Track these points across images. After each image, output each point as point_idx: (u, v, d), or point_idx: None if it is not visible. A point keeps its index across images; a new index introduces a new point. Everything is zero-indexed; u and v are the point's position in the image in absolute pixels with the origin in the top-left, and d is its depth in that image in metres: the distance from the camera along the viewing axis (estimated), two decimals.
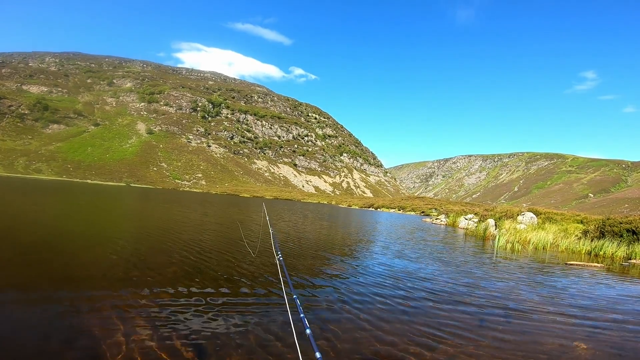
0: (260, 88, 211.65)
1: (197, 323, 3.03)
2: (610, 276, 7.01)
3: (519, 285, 5.62)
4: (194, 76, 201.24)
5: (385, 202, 66.34)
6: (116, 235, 7.63)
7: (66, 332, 2.74)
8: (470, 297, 4.71)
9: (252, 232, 10.22)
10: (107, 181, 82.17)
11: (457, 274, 6.15)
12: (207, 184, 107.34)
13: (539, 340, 3.25)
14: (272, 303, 3.69)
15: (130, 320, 2.97)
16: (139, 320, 2.96)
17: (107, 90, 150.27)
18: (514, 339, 3.26)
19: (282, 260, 1.75)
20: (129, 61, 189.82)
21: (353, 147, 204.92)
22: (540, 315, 4.03)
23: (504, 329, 3.52)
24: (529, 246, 11.28)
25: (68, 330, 2.77)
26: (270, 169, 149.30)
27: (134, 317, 3.04)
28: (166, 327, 2.88)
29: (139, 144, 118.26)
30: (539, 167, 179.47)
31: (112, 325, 2.86)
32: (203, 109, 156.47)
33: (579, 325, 3.73)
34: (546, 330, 3.53)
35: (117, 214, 13.06)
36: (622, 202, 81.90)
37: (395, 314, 3.71)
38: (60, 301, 3.25)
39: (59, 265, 4.55)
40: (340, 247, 8.66)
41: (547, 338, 3.33)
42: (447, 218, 26.03)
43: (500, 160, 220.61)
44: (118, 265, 4.74)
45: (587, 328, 3.63)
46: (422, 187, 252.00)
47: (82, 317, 2.98)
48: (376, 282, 5.12)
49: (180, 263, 5.10)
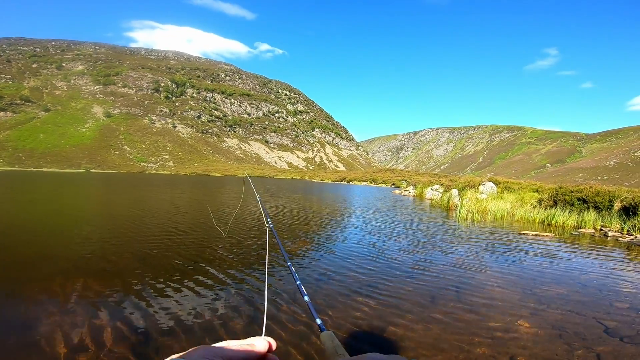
0: (227, 66, 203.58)
1: (171, 304, 3.20)
2: (560, 246, 7.24)
3: (473, 258, 5.64)
4: (154, 56, 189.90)
5: (357, 176, 67.00)
6: (74, 226, 6.96)
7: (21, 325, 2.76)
8: (424, 272, 4.66)
9: (223, 213, 9.79)
10: (64, 168, 77.30)
11: (414, 247, 6.11)
12: (175, 165, 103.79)
13: (485, 318, 3.18)
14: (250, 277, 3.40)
15: (87, 311, 2.85)
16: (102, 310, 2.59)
17: (57, 74, 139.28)
18: (462, 317, 3.19)
19: (273, 227, 1.60)
20: (78, 43, 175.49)
21: (325, 122, 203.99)
22: (490, 291, 4.00)
23: (454, 307, 3.45)
24: (488, 215, 11.60)
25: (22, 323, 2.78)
26: (241, 147, 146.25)
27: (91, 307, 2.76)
28: (121, 314, 2.57)
29: (96, 127, 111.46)
30: (501, 139, 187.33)
31: (70, 317, 2.86)
32: (166, 89, 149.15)
33: (524, 301, 3.70)
34: (493, 307, 3.47)
35: (68, 203, 12.08)
36: (577, 172, 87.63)
37: (361, 286, 3.54)
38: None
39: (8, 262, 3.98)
40: (314, 223, 8.44)
41: (493, 315, 3.27)
42: (415, 189, 26.55)
43: (466, 132, 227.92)
44: (77, 257, 4.23)
45: (531, 304, 3.60)
46: (394, 160, 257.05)
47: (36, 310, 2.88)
48: (345, 255, 5.59)
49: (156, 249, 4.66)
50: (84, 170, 75.72)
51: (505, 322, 3.12)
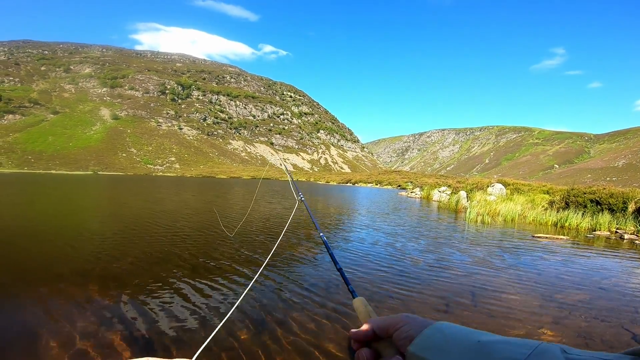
0: (232, 68, 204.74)
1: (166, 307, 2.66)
2: (576, 249, 7.08)
3: (487, 262, 5.50)
4: (160, 58, 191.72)
5: (362, 177, 66.82)
6: (80, 226, 6.96)
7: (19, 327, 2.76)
8: (438, 278, 4.53)
9: (230, 215, 9.74)
10: (72, 170, 78.17)
11: (426, 252, 5.98)
12: (182, 167, 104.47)
13: (505, 327, 3.06)
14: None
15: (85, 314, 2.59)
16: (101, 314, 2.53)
17: (64, 77, 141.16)
18: (480, 326, 3.06)
19: (305, 201, 1.64)
20: (85, 46, 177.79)
21: (330, 124, 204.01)
22: (508, 297, 3.88)
23: (469, 315, 3.33)
24: (499, 218, 11.41)
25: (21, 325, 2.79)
26: (246, 149, 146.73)
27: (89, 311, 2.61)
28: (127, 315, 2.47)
29: (104, 130, 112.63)
30: (507, 140, 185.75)
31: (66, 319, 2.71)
32: (172, 91, 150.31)
33: (545, 307, 3.58)
34: (513, 315, 3.35)
35: (78, 205, 12.14)
36: (585, 173, 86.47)
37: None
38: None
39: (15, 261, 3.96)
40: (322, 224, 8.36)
41: (513, 323, 3.15)
42: (421, 191, 26.33)
43: (472, 133, 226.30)
44: (83, 259, 4.19)
45: (553, 311, 3.48)
46: (399, 161, 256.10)
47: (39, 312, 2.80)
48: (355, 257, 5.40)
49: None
50: (91, 173, 76.52)
51: (527, 331, 3.00)
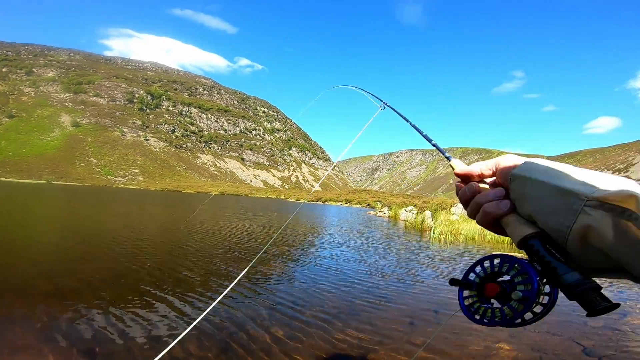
0: (206, 80, 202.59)
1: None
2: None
3: (449, 280, 5.64)
4: (131, 66, 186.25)
5: (332, 196, 67.29)
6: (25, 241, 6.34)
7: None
8: (403, 295, 4.57)
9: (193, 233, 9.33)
10: (23, 178, 72.69)
11: (393, 269, 6.05)
12: (145, 180, 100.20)
13: (465, 342, 3.11)
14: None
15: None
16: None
17: (25, 79, 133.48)
18: (442, 342, 3.09)
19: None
20: (52, 49, 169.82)
21: (302, 141, 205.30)
22: None
23: (432, 332, 3.36)
24: (460, 237, 11.82)
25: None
26: (216, 164, 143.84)
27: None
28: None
29: (62, 137, 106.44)
30: (470, 161, 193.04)
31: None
32: (140, 100, 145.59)
33: None
34: (472, 331, 3.41)
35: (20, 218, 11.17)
36: None
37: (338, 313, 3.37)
38: None
39: None
40: (284, 245, 8.20)
41: (472, 339, 3.20)
42: (389, 211, 26.85)
43: (438, 154, 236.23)
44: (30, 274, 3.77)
45: (510, 328, 3.58)
46: (369, 180, 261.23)
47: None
48: (320, 278, 5.26)
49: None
50: (45, 182, 71.55)
51: (485, 346, 3.05)
